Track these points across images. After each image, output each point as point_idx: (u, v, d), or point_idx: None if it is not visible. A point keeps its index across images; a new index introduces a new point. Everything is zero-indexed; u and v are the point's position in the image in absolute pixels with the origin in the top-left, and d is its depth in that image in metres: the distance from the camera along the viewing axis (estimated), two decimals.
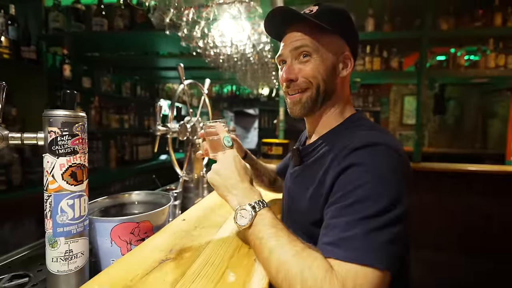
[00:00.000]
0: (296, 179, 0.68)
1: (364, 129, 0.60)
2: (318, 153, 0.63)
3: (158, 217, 0.75)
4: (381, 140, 0.52)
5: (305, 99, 0.64)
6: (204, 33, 1.35)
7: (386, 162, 0.49)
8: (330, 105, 0.66)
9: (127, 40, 2.00)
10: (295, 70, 0.63)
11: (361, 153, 0.50)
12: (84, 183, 0.62)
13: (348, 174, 0.49)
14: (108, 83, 2.87)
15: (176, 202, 1.18)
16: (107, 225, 0.68)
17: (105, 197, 0.83)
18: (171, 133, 1.12)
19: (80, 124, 0.61)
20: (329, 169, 0.55)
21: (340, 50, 0.64)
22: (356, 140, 0.54)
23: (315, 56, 0.62)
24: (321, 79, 0.62)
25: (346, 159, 0.51)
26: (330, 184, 0.53)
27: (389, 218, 0.44)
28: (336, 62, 0.63)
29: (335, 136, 0.63)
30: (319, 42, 0.61)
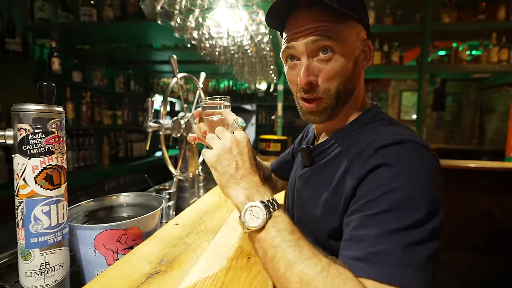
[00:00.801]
0: (307, 183, 0.59)
1: (386, 124, 0.53)
2: (333, 153, 0.55)
3: (148, 222, 0.68)
4: (410, 136, 0.45)
5: (323, 108, 0.53)
6: (198, 23, 1.26)
7: (420, 162, 0.41)
8: (349, 103, 0.57)
9: (118, 31, 1.90)
10: (315, 71, 0.51)
11: (390, 152, 0.42)
12: (62, 187, 0.55)
13: (376, 177, 0.41)
14: (100, 78, 2.77)
15: (170, 203, 1.11)
16: (90, 233, 0.61)
17: (90, 200, 0.76)
18: (164, 130, 1.05)
19: (56, 120, 0.54)
20: (349, 171, 0.47)
21: (360, 39, 0.54)
22: (381, 137, 0.46)
23: (338, 52, 0.50)
24: (342, 81, 0.51)
25: (371, 159, 0.43)
26: (352, 188, 0.44)
27: (428, 230, 0.36)
28: (357, 54, 0.53)
29: (353, 132, 0.55)
30: (341, 32, 0.50)
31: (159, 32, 1.80)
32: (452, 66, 2.75)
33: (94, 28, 1.85)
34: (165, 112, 1.10)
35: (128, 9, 1.69)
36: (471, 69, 2.71)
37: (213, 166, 0.50)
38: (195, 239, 0.67)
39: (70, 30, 1.96)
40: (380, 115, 0.56)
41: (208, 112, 0.58)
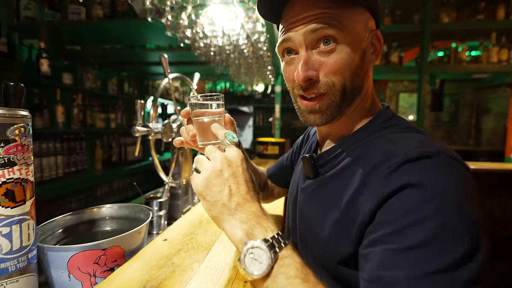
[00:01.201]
0: (311, 198, 0.51)
1: (403, 130, 0.45)
2: (341, 164, 0.47)
3: (131, 240, 0.61)
4: (438, 147, 0.37)
5: (326, 106, 0.45)
6: (191, 21, 1.20)
7: (456, 181, 0.34)
8: (356, 103, 0.48)
9: (109, 30, 1.82)
10: (315, 65, 0.44)
11: (418, 168, 0.35)
12: (27, 204, 0.48)
13: (402, 200, 0.34)
14: (92, 79, 2.69)
15: (162, 212, 1.03)
16: (63, 255, 0.53)
17: (67, 214, 0.68)
18: (154, 134, 0.97)
19: (19, 126, 0.46)
20: (364, 188, 0.39)
21: (367, 28, 0.46)
22: (402, 147, 0.38)
23: (342, 43, 0.43)
24: (349, 75, 0.44)
25: (394, 177, 0.35)
26: (369, 211, 0.37)
27: (474, 268, 0.29)
28: (365, 46, 0.46)
29: (365, 139, 0.46)
30: (346, 19, 0.43)
31: (151, 31, 1.73)
32: (451, 67, 2.70)
33: (83, 27, 1.77)
34: (155, 115, 1.03)
35: (118, 8, 1.62)
36: (471, 69, 2.67)
37: (201, 194, 0.41)
38: (184, 259, 0.59)
39: (59, 30, 1.88)
40: (395, 118, 0.48)
41: (198, 112, 0.50)
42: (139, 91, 3.60)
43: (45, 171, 2.15)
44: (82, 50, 2.37)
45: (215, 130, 0.47)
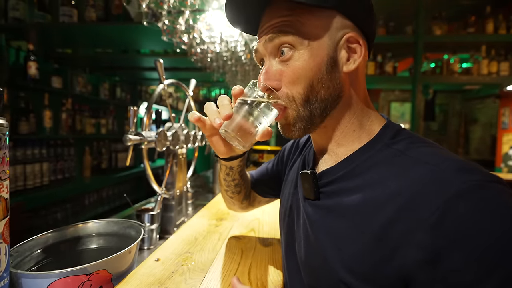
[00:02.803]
0: (314, 222, 0.45)
1: (422, 146, 0.39)
2: (351, 186, 0.41)
3: (120, 262, 0.54)
4: (478, 169, 0.33)
5: (292, 120, 0.43)
6: (189, 26, 1.16)
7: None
8: (339, 114, 0.44)
9: (102, 33, 1.77)
10: (275, 74, 0.43)
11: (476, 211, 0.30)
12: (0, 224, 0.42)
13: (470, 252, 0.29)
14: (83, 84, 2.61)
15: (154, 226, 0.97)
16: (40, 282, 0.47)
17: (48, 232, 0.62)
18: (147, 143, 0.91)
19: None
20: (397, 225, 0.34)
21: (340, 33, 0.42)
22: (437, 169, 0.34)
23: (300, 50, 0.41)
24: (309, 85, 0.41)
25: (447, 221, 0.30)
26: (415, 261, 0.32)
27: None
28: (334, 53, 0.42)
29: (376, 158, 0.41)
30: (303, 28, 0.41)
31: (146, 36, 1.69)
32: (444, 77, 2.76)
33: (75, 30, 1.71)
34: (148, 122, 0.97)
35: (113, 11, 1.57)
36: (463, 80, 2.73)
37: None
38: (179, 283, 0.53)
39: (49, 32, 1.81)
40: (403, 131, 0.44)
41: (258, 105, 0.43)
42: (132, 97, 3.52)
43: (29, 179, 2.04)
44: (73, 53, 2.31)
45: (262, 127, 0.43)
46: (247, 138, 0.43)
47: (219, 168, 0.65)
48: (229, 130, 0.42)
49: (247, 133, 0.43)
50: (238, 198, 0.72)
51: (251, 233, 0.83)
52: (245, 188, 0.71)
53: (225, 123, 0.43)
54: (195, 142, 1.28)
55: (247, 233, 0.83)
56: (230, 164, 0.61)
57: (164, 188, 1.05)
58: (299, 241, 0.50)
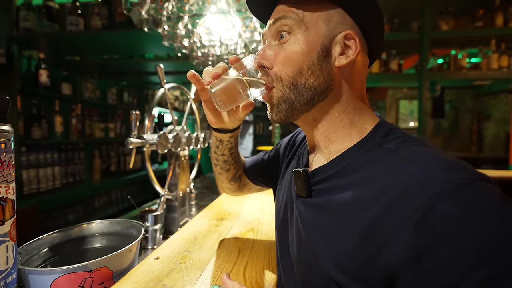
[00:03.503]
0: (305, 220, 0.47)
1: (413, 144, 0.39)
2: (342, 184, 0.42)
3: (120, 260, 0.57)
4: (464, 167, 0.33)
5: (276, 100, 0.46)
6: (188, 30, 1.19)
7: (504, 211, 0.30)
8: (328, 107, 0.46)
9: (107, 40, 1.82)
10: (270, 53, 0.46)
11: (460, 209, 0.30)
12: (6, 224, 0.45)
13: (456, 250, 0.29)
14: (91, 89, 2.69)
15: (157, 226, 1.00)
16: (46, 278, 0.49)
17: (55, 231, 0.65)
18: (148, 146, 0.94)
19: (0, 141, 0.43)
20: (383, 223, 0.35)
21: (339, 28, 0.44)
22: (424, 167, 0.34)
23: (297, 34, 0.44)
24: (298, 69, 0.43)
25: (431, 218, 0.31)
26: (400, 257, 0.32)
27: None
28: (328, 44, 0.44)
29: (367, 156, 0.42)
30: (306, 14, 0.43)
31: (149, 41, 1.73)
32: (452, 73, 2.70)
33: (82, 38, 1.78)
34: (150, 125, 1.00)
35: (116, 18, 1.62)
36: (471, 76, 2.66)
37: None
38: (176, 280, 0.56)
39: (57, 41, 1.88)
40: (395, 130, 0.44)
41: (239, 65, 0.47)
42: (139, 101, 3.60)
43: (42, 182, 2.12)
44: (81, 60, 2.38)
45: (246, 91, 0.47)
46: (228, 101, 0.47)
47: (211, 140, 0.67)
48: (214, 88, 0.46)
49: (230, 97, 0.46)
50: (226, 176, 0.73)
51: (250, 233, 0.84)
52: (234, 168, 0.72)
53: (213, 82, 0.46)
54: (198, 144, 1.30)
55: (246, 232, 0.85)
56: (220, 136, 0.63)
57: (167, 189, 1.07)
58: (291, 238, 0.50)
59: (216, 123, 0.59)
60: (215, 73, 0.46)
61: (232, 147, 0.67)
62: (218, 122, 0.58)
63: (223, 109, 0.48)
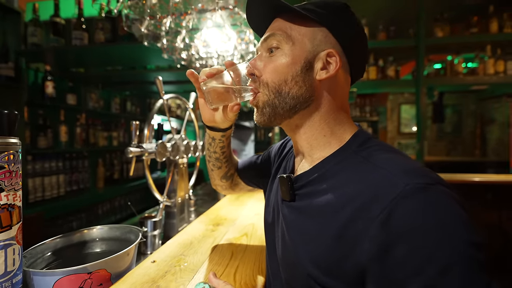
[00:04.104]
0: (290, 225, 0.50)
1: (382, 151, 0.44)
2: (321, 189, 0.46)
3: (118, 263, 0.61)
4: (425, 173, 0.37)
5: (262, 104, 0.51)
6: (186, 44, 1.24)
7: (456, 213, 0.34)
8: (309, 115, 0.50)
9: (111, 53, 1.90)
10: (260, 64, 0.51)
11: (417, 206, 0.34)
12: (13, 229, 0.49)
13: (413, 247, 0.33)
14: (95, 99, 2.77)
15: (156, 232, 1.03)
16: (49, 280, 0.53)
17: (57, 236, 0.69)
18: (147, 154, 0.99)
19: (9, 153, 0.48)
20: (354, 224, 0.38)
21: (322, 46, 0.49)
22: (388, 173, 0.38)
23: (284, 47, 0.49)
24: (283, 79, 0.49)
25: (393, 218, 0.34)
26: (368, 253, 0.36)
27: None
28: (312, 59, 0.49)
29: (343, 163, 0.46)
30: (292, 32, 0.49)
31: (151, 54, 1.80)
32: (448, 79, 2.73)
33: (86, 51, 1.85)
34: (149, 134, 1.05)
35: (119, 32, 1.70)
36: (468, 81, 2.69)
37: None
38: (170, 282, 0.59)
39: (63, 54, 1.97)
40: (371, 140, 0.48)
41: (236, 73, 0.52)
42: (142, 109, 3.68)
43: (47, 190, 2.17)
44: (86, 72, 2.47)
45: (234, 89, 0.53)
46: (216, 99, 0.53)
47: (205, 137, 0.72)
48: (206, 86, 0.52)
49: (219, 96, 0.52)
50: (217, 174, 0.77)
51: (244, 237, 0.87)
52: (226, 167, 0.76)
53: (207, 80, 0.53)
54: (196, 152, 1.35)
55: (240, 237, 0.88)
56: (213, 134, 0.67)
57: (166, 196, 1.11)
58: (277, 240, 0.54)
59: (208, 121, 0.64)
60: (209, 72, 0.53)
61: (224, 146, 0.71)
62: (211, 120, 0.64)
63: (212, 105, 0.54)
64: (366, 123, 4.89)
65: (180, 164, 1.21)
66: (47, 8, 2.00)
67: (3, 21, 1.87)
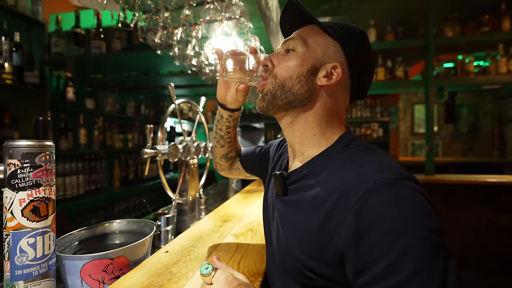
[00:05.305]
0: (283, 217, 0.56)
1: (362, 149, 0.51)
2: (309, 184, 0.52)
3: (135, 251, 0.68)
4: (395, 170, 0.42)
5: (266, 91, 0.57)
6: (196, 51, 1.33)
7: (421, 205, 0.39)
8: (304, 114, 0.56)
9: (127, 61, 2.02)
10: (276, 59, 0.58)
11: (385, 199, 0.40)
12: (49, 218, 0.57)
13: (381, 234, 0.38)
14: (112, 103, 2.91)
15: (169, 227, 1.11)
16: (77, 263, 0.62)
17: (82, 229, 0.78)
18: (161, 155, 1.07)
19: (45, 154, 0.57)
20: (334, 214, 0.44)
21: (332, 58, 0.55)
22: (364, 171, 0.44)
23: (299, 50, 0.55)
24: (289, 75, 0.55)
25: (365, 209, 0.40)
26: (345, 239, 0.42)
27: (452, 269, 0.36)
28: (318, 66, 0.55)
29: (329, 161, 0.52)
30: (310, 39, 0.55)
31: (163, 60, 1.90)
32: (459, 79, 2.69)
33: (104, 59, 1.98)
34: (162, 136, 1.14)
35: (134, 40, 1.81)
36: (479, 80, 2.65)
37: None
38: (181, 268, 0.66)
39: (83, 62, 2.10)
40: (355, 141, 0.54)
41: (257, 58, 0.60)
42: (155, 112, 3.82)
43: (67, 190, 2.32)
44: (103, 78, 2.61)
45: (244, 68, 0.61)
46: (232, 73, 0.61)
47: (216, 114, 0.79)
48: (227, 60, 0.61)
49: (234, 71, 0.60)
50: (219, 152, 0.83)
51: (249, 232, 0.94)
52: (228, 148, 0.82)
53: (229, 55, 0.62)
54: (206, 153, 1.42)
55: (245, 232, 0.94)
56: (222, 112, 0.74)
57: (177, 194, 1.19)
58: (273, 230, 0.61)
59: (221, 99, 0.72)
60: (233, 51, 0.62)
61: (230, 126, 0.78)
62: (223, 98, 0.71)
63: (225, 76, 0.62)
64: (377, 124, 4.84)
65: (191, 165, 1.29)
66: (69, 19, 2.15)
67: (29, 33, 2.03)
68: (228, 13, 1.08)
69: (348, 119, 4.90)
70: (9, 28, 1.85)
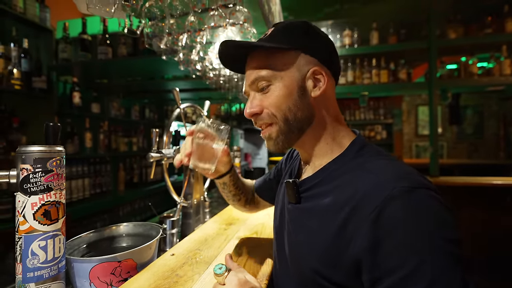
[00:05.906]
0: (296, 224, 0.56)
1: (375, 156, 0.50)
2: (322, 191, 0.52)
3: (142, 254, 0.70)
4: (411, 177, 0.42)
5: (275, 135, 0.56)
6: (200, 57, 1.35)
7: (437, 214, 0.39)
8: (314, 131, 0.56)
9: (132, 66, 2.06)
10: (257, 102, 0.56)
11: (402, 207, 0.39)
12: (59, 222, 0.59)
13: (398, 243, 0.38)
14: (117, 108, 2.95)
15: (174, 230, 1.12)
16: (86, 266, 0.63)
17: (90, 232, 0.79)
18: (166, 159, 1.09)
19: (56, 159, 0.58)
20: (351, 222, 0.44)
21: (306, 68, 0.54)
22: (377, 177, 0.44)
23: (276, 83, 0.54)
24: (287, 107, 0.54)
25: (381, 217, 0.40)
26: (361, 247, 0.41)
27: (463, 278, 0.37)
28: (303, 83, 0.54)
29: (342, 168, 0.51)
30: (276, 67, 0.53)
31: (168, 65, 1.93)
32: (462, 80, 2.68)
33: (110, 64, 2.02)
34: (167, 140, 1.15)
35: (139, 46, 1.84)
36: (483, 82, 2.63)
37: None
38: (187, 271, 0.67)
39: (89, 67, 2.14)
40: (367, 146, 0.54)
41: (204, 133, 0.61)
42: (159, 116, 3.85)
43: (73, 193, 2.34)
44: (109, 82, 2.65)
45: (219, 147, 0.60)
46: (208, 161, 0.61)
47: (217, 185, 0.81)
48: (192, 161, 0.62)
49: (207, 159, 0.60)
50: (240, 204, 0.86)
51: (254, 235, 0.94)
52: (244, 196, 0.85)
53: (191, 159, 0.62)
54: None
55: (250, 235, 0.95)
56: (222, 180, 0.77)
57: (182, 197, 1.21)
58: (286, 238, 0.61)
59: (213, 175, 0.74)
60: (186, 153, 0.64)
61: (235, 182, 0.81)
62: (214, 174, 0.74)
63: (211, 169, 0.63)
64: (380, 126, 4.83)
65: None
66: (76, 26, 2.20)
67: (37, 39, 2.08)
68: (232, 19, 1.10)
69: (351, 122, 4.90)
70: (17, 35, 1.90)
